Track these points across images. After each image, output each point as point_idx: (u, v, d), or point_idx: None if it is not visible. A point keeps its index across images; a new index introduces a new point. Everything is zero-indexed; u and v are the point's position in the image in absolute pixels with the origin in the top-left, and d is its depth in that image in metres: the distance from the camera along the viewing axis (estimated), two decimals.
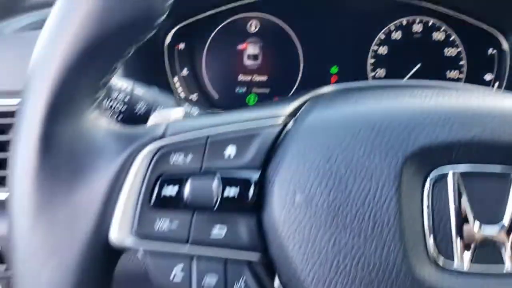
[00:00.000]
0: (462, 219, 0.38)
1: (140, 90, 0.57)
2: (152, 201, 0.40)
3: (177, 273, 0.41)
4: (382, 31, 0.96)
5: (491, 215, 0.39)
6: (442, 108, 0.41)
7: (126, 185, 0.40)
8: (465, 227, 0.39)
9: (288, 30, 0.96)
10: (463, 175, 0.39)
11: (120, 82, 0.55)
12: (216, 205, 0.40)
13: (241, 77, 0.98)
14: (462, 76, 0.96)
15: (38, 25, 0.89)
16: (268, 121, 0.43)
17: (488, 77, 0.96)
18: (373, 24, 0.96)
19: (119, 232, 0.40)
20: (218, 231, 0.41)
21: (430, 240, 0.38)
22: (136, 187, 0.40)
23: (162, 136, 0.42)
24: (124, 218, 0.40)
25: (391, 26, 0.96)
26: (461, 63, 0.96)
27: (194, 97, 0.96)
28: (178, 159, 0.41)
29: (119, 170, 0.40)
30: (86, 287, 0.39)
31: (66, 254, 0.38)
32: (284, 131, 0.43)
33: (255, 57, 0.97)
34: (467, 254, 0.38)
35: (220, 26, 0.96)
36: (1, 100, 0.74)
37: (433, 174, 0.39)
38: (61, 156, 0.39)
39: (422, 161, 0.39)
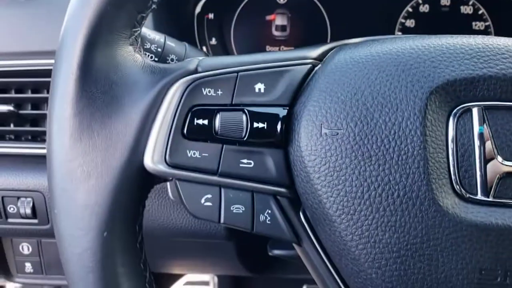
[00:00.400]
0: (485, 153, 0.39)
1: (172, 43, 0.59)
2: (184, 131, 0.42)
3: (207, 200, 0.42)
4: (410, 4, 0.96)
5: None
6: (467, 45, 0.41)
7: (159, 115, 0.42)
8: (489, 162, 0.39)
9: (316, 1, 0.97)
10: (488, 110, 0.40)
11: (153, 34, 0.57)
12: (246, 137, 0.42)
13: (269, 48, 0.99)
14: None
15: None
16: (297, 62, 0.45)
17: None
18: None
19: (152, 159, 0.41)
20: (246, 164, 0.42)
21: (454, 172, 0.39)
22: (168, 117, 0.42)
23: (194, 71, 0.44)
24: (157, 146, 0.42)
25: None
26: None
27: None
28: (209, 93, 0.43)
29: (153, 100, 0.42)
30: (119, 210, 0.41)
31: (101, 177, 0.40)
32: (313, 71, 0.44)
33: (283, 28, 0.97)
34: (490, 187, 0.39)
35: None
36: (36, 60, 0.77)
37: (458, 108, 0.40)
38: (98, 84, 0.41)
39: (447, 95, 0.40)
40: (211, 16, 0.97)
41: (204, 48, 0.97)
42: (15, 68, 0.77)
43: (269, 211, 0.43)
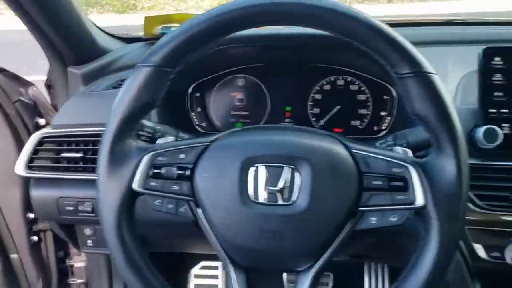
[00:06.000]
0: None
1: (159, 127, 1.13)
2: (149, 174, 0.96)
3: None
4: (318, 84, 1.39)
5: None
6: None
7: (140, 166, 0.96)
8: None
9: (261, 84, 1.42)
10: None
11: (148, 123, 1.11)
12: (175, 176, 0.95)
13: (233, 112, 1.43)
14: (369, 112, 1.40)
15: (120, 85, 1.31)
16: (201, 143, 0.96)
17: (383, 113, 1.40)
18: (312, 80, 1.39)
19: (138, 183, 0.95)
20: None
21: None
22: (143, 168, 0.96)
23: (154, 149, 0.97)
24: (140, 180, 0.95)
25: (323, 81, 1.39)
26: (368, 104, 1.38)
27: (203, 124, 1.48)
28: (160, 159, 0.96)
29: (137, 163, 0.96)
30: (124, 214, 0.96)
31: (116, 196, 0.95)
32: (207, 149, 0.95)
33: (241, 100, 1.43)
34: None
35: (221, 81, 1.43)
36: (94, 128, 1.31)
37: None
38: (115, 157, 0.95)
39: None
40: (197, 94, 1.47)
41: (193, 113, 1.48)
42: (84, 131, 1.29)
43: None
